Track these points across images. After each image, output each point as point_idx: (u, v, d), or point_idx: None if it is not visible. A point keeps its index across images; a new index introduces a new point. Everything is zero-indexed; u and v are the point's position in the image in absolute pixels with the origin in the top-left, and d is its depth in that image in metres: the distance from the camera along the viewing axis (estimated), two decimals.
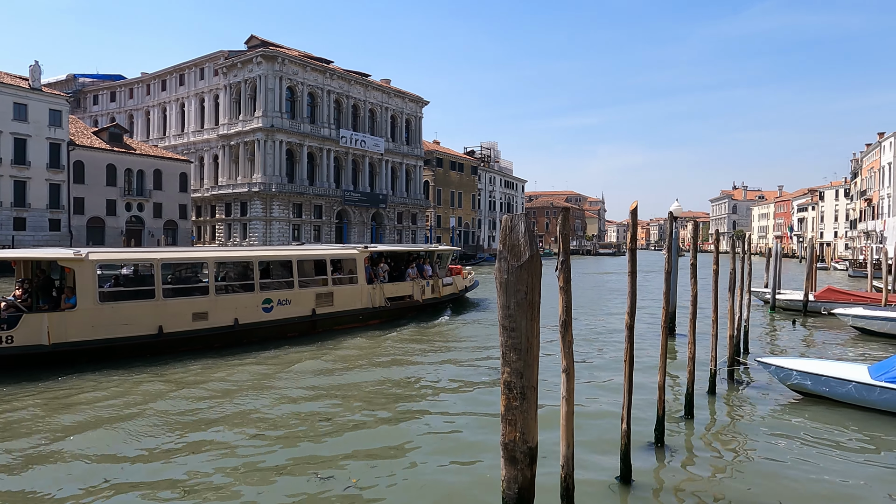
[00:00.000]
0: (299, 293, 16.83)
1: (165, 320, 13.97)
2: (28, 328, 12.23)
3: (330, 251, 19.07)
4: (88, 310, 12.93)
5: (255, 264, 16.16)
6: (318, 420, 9.59)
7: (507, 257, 4.59)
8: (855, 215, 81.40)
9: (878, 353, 15.88)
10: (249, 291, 15.86)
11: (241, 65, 57.69)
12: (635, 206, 6.78)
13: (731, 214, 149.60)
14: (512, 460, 4.68)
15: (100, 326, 13.02)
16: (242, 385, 11.66)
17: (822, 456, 8.23)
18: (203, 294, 15.04)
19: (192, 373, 12.70)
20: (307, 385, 11.82)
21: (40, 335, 12.31)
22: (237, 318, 15.28)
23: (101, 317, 13.09)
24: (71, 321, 12.70)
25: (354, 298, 18.54)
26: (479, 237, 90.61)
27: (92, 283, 13.07)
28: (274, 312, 16.16)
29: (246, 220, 56.89)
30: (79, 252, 13.19)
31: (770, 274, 25.77)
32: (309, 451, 8.29)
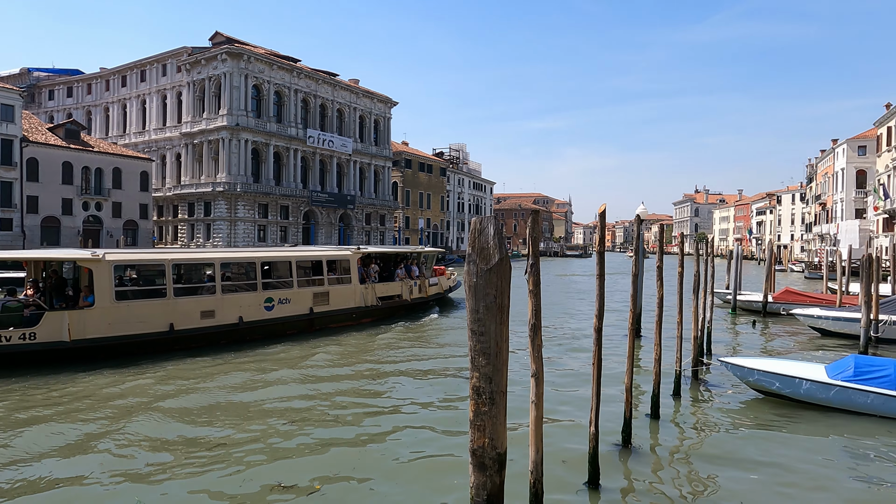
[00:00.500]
0: (298, 292, 17.68)
1: (176, 318, 14.70)
2: (49, 325, 12.81)
3: (326, 252, 19.79)
4: (105, 308, 13.57)
5: (257, 265, 16.95)
6: (285, 424, 9.36)
7: (477, 260, 4.51)
8: (810, 219, 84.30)
9: (834, 352, 16.39)
10: (252, 291, 16.62)
11: (205, 62, 56.42)
12: (604, 209, 6.80)
13: (693, 217, 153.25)
14: (481, 466, 4.59)
15: (116, 324, 13.69)
16: (224, 387, 11.70)
17: (782, 454, 8.41)
18: (210, 293, 15.72)
19: (184, 371, 13.00)
20: (281, 388, 11.56)
21: (61, 332, 12.92)
22: (241, 317, 16.03)
23: (117, 315, 13.74)
24: (89, 319, 13.33)
25: (349, 298, 19.38)
26: (447, 239, 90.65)
27: (109, 283, 13.73)
28: (275, 311, 16.95)
29: (210, 220, 55.64)
30: (96, 253, 13.92)
31: (731, 276, 26.41)
32: (274, 456, 8.07)
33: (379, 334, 18.24)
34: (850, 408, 10.01)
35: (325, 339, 17.04)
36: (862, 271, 15.71)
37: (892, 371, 9.77)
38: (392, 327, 19.47)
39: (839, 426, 9.58)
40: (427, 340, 17.51)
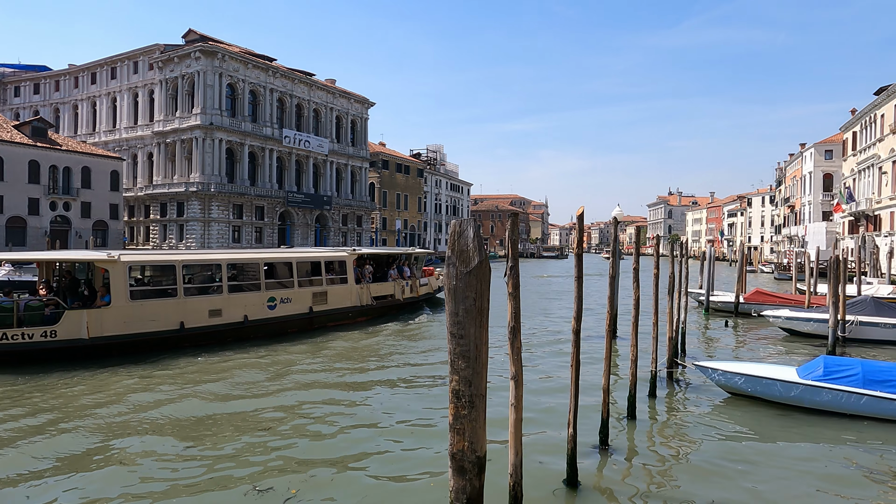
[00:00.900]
0: (298, 292, 18.32)
1: (186, 316, 15.27)
2: (69, 324, 13.30)
3: (324, 253, 20.45)
4: (121, 307, 14.10)
5: (260, 265, 17.62)
6: (261, 426, 9.20)
7: (456, 263, 4.48)
8: (779, 221, 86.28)
9: (803, 351, 16.77)
10: (256, 290, 17.21)
11: (178, 59, 55.45)
12: (581, 212, 6.83)
13: (667, 219, 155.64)
14: (460, 470, 4.56)
15: (131, 322, 14.23)
16: (223, 386, 11.85)
17: (755, 453, 8.55)
18: (217, 293, 16.29)
19: (193, 369, 13.47)
20: (263, 389, 11.36)
21: (80, 330, 13.42)
22: (247, 315, 16.66)
23: (132, 313, 14.26)
24: (106, 317, 13.85)
25: (345, 297, 20.07)
26: (424, 240, 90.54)
27: (124, 283, 14.25)
28: (277, 310, 17.57)
29: (183, 220, 54.66)
30: (111, 254, 14.52)
31: (704, 276, 26.85)
32: (250, 459, 7.92)
33: (374, 333, 18.77)
34: (820, 407, 10.25)
35: (323, 338, 17.59)
36: (830, 272, 16.10)
37: (860, 370, 10.03)
38: (387, 326, 20.12)
39: (810, 425, 9.80)
40: (420, 340, 17.94)
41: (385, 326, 20.00)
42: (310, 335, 17.83)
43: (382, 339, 17.81)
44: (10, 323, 12.91)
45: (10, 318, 12.95)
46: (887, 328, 17.62)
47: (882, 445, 8.90)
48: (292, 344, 16.57)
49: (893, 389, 9.71)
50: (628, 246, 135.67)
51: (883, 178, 45.40)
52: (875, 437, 9.23)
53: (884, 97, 45.06)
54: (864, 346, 17.33)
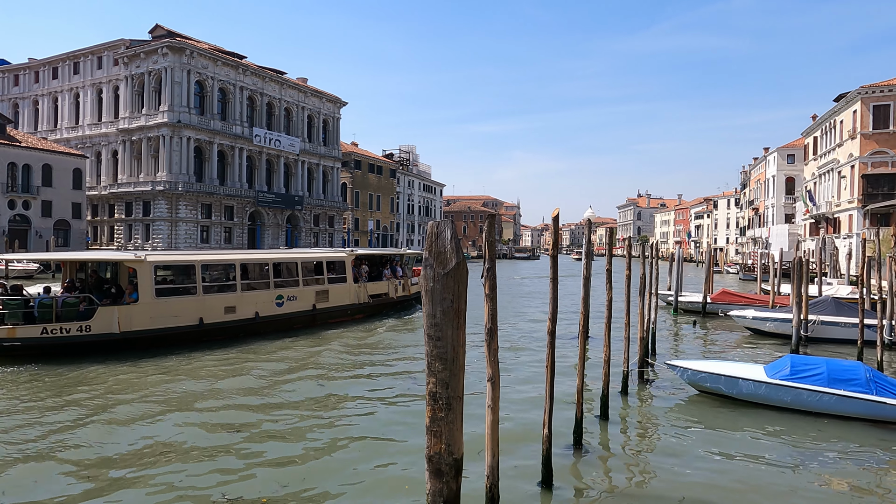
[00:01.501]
0: (303, 290, 19.54)
1: (205, 313, 16.32)
2: (102, 319, 14.28)
3: (325, 254, 21.67)
4: (148, 304, 15.10)
5: (270, 265, 18.88)
6: (232, 430, 9.02)
7: (434, 265, 4.46)
8: (744, 223, 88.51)
9: (767, 350, 17.21)
10: (266, 289, 18.34)
11: (144, 55, 54.13)
12: (557, 214, 6.87)
13: (636, 221, 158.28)
14: (437, 473, 4.53)
15: (156, 318, 15.21)
16: (228, 383, 12.23)
17: (725, 450, 8.74)
18: (232, 291, 17.30)
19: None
20: (237, 393, 11.14)
21: (112, 325, 14.40)
22: (258, 312, 17.81)
23: (157, 310, 15.26)
24: (135, 313, 14.83)
25: (344, 295, 21.31)
26: (397, 240, 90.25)
27: (150, 281, 15.23)
28: (284, 307, 18.75)
29: (149, 220, 53.39)
30: (138, 255, 15.62)
31: (673, 277, 27.36)
32: (223, 464, 7.75)
33: (371, 330, 19.84)
34: (786, 405, 10.53)
35: (326, 334, 18.69)
36: (793, 273, 16.57)
37: (825, 369, 10.35)
38: (384, 322, 21.55)
39: (779, 422, 10.06)
40: (415, 335, 18.86)
41: (382, 322, 21.52)
42: (313, 331, 19.02)
43: (383, 336, 18.96)
44: (50, 318, 13.89)
45: (50, 314, 13.93)
46: (847, 327, 18.17)
47: (845, 443, 9.18)
48: (298, 339, 17.58)
49: (856, 388, 10.03)
50: (599, 247, 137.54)
51: (842, 182, 46.96)
52: (838, 434, 9.51)
53: (843, 104, 46.63)
54: (825, 345, 17.86)
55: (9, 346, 13.35)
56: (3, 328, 13.42)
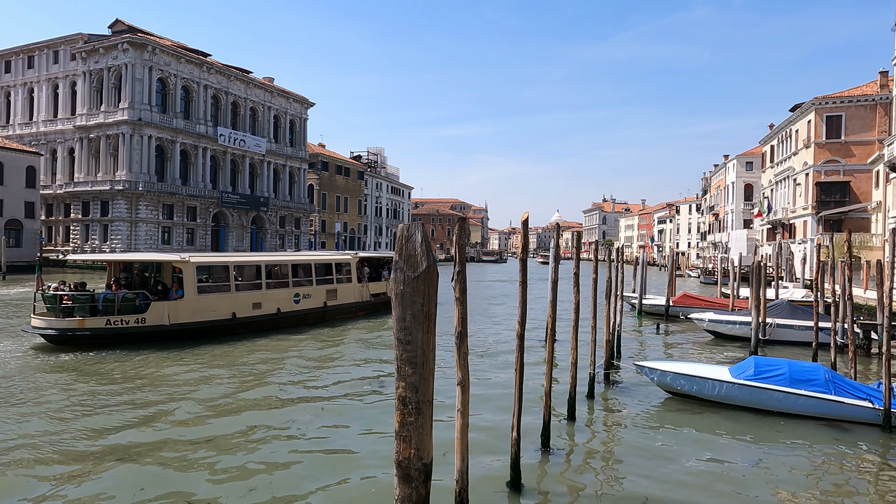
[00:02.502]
0: (316, 289, 21.53)
1: (237, 308, 18.26)
2: (155, 312, 16.18)
3: (334, 257, 23.60)
4: (192, 299, 16.96)
5: (289, 266, 20.73)
6: (193, 433, 8.78)
7: (404, 268, 4.42)
8: (705, 228, 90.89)
9: (727, 353, 17.66)
10: (286, 287, 20.27)
11: (104, 50, 52.55)
12: (526, 218, 6.91)
13: (601, 225, 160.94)
14: (406, 478, 4.49)
15: (198, 312, 17.12)
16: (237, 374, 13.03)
17: (690, 450, 8.91)
18: (258, 289, 19.15)
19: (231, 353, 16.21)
20: (214, 392, 10.85)
21: (163, 317, 16.29)
22: (279, 308, 19.73)
23: (199, 305, 17.15)
24: (181, 308, 16.70)
25: (350, 294, 23.35)
26: (364, 243, 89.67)
27: (193, 280, 17.06)
28: (301, 304, 20.69)
29: (107, 220, 51.77)
30: (184, 257, 17.38)
31: (637, 281, 27.87)
32: (179, 468, 7.54)
33: (374, 327, 21.25)
34: (750, 405, 10.84)
35: (335, 328, 20.47)
36: (752, 277, 17.05)
37: (787, 370, 10.71)
38: (385, 319, 22.92)
39: (744, 422, 10.33)
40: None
41: (384, 320, 23.01)
42: (324, 325, 20.91)
43: (386, 332, 20.32)
44: (112, 311, 15.72)
45: (112, 308, 15.75)
46: (801, 330, 18.77)
47: (804, 442, 9.48)
48: (312, 333, 19.32)
49: (816, 388, 10.41)
50: (565, 251, 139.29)
51: (797, 189, 48.67)
52: (797, 434, 9.81)
53: (798, 114, 48.34)
54: (781, 347, 18.42)
55: (79, 335, 15.30)
56: (74, 320, 15.35)
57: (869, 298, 23.74)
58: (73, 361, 13.97)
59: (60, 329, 15.26)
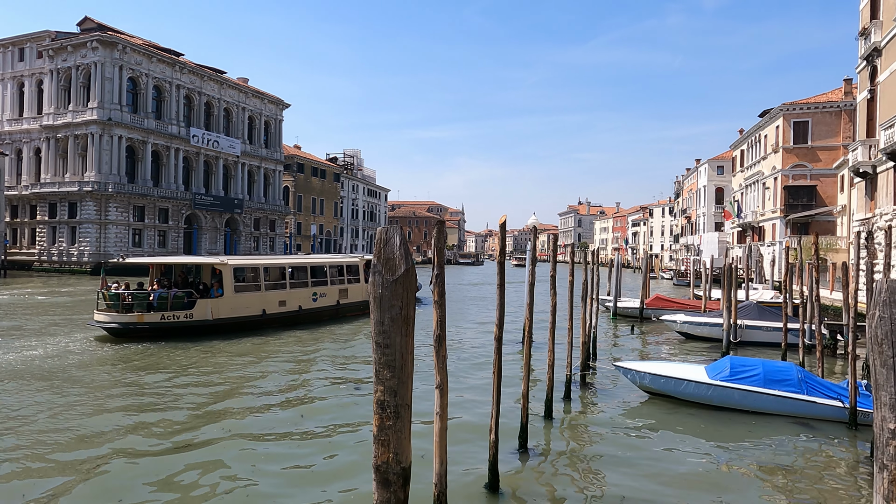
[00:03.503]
0: (331, 289, 23.64)
1: (266, 305, 20.32)
2: (201, 309, 18.30)
3: (345, 259, 26.07)
4: (230, 297, 19.09)
5: (307, 268, 22.90)
6: (175, 429, 8.62)
7: (382, 271, 4.40)
8: (678, 230, 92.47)
9: (699, 353, 17.97)
10: (305, 287, 22.28)
11: (72, 48, 51.33)
12: (504, 221, 6.95)
13: (576, 227, 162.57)
14: (385, 483, 4.46)
15: (235, 308, 19.25)
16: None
17: (666, 449, 9.04)
18: (283, 288, 21.23)
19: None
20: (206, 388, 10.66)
21: (207, 313, 18.42)
22: (300, 305, 21.83)
23: (236, 302, 19.27)
24: (221, 305, 18.83)
25: (359, 293, 25.22)
26: (341, 245, 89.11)
27: (231, 280, 19.21)
28: (318, 302, 22.77)
29: (76, 222, 50.52)
30: (223, 259, 19.71)
31: (612, 283, 28.20)
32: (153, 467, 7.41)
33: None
34: (726, 405, 11.05)
35: (350, 324, 22.28)
36: (724, 279, 17.39)
37: (762, 370, 10.95)
38: None
39: (720, 421, 10.54)
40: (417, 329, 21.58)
41: None
42: (338, 322, 22.85)
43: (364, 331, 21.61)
44: (165, 308, 17.79)
45: (166, 304, 17.81)
46: (769, 331, 19.17)
47: (777, 439, 9.69)
48: (327, 329, 21.10)
49: (789, 388, 10.67)
50: (541, 253, 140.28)
51: (766, 192, 49.84)
52: (770, 431, 10.03)
53: (767, 119, 49.55)
54: (750, 348, 18.78)
55: (138, 328, 17.41)
56: (134, 315, 17.42)
57: (835, 299, 24.42)
58: (136, 350, 16.04)
59: (123, 323, 17.37)
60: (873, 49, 25.24)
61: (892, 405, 2.75)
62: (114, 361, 14.63)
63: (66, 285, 38.02)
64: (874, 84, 25.82)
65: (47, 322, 21.04)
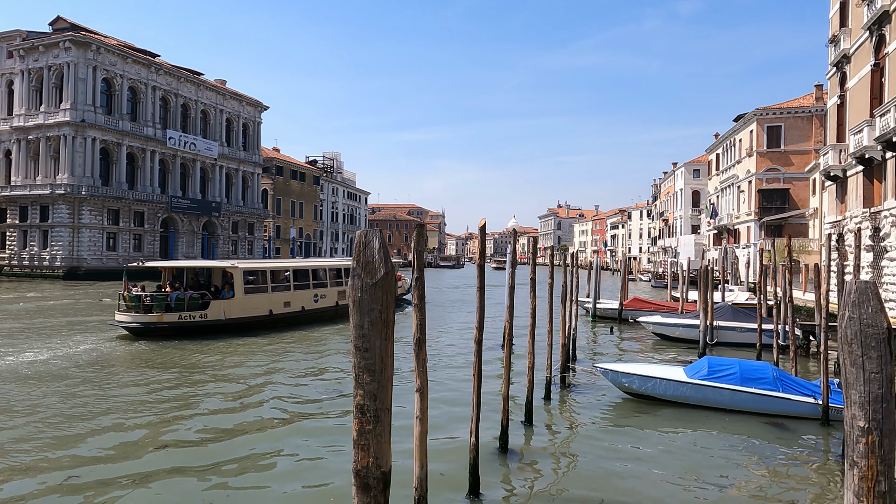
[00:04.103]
0: (330, 290, 24.80)
1: (273, 306, 21.69)
2: (214, 309, 19.68)
3: (343, 263, 27.23)
4: (241, 299, 20.50)
5: (309, 271, 24.03)
6: (153, 433, 8.46)
7: (362, 275, 4.37)
8: (655, 233, 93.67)
9: (675, 354, 18.19)
10: (307, 289, 23.46)
11: (44, 48, 50.27)
12: (483, 224, 6.97)
13: (556, 230, 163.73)
14: (365, 488, 4.42)
15: (245, 309, 20.61)
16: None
17: (646, 449, 9.13)
18: (287, 290, 22.53)
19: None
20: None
21: (220, 313, 19.79)
22: (303, 306, 23.00)
23: (246, 303, 20.66)
24: (232, 305, 20.22)
25: None
26: (321, 249, 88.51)
27: (241, 282, 20.59)
28: (319, 303, 23.92)
29: (48, 226, 49.41)
30: (234, 263, 21.24)
31: (591, 285, 28.45)
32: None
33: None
34: (705, 403, 11.24)
35: (344, 324, 22.99)
36: (700, 281, 17.65)
37: (738, 369, 11.18)
38: None
39: (699, 419, 10.69)
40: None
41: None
42: (336, 321, 23.98)
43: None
44: (182, 308, 19.21)
45: (183, 305, 19.23)
46: (742, 332, 19.49)
47: (753, 436, 9.85)
48: (327, 327, 22.26)
49: (765, 386, 10.91)
50: (521, 256, 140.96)
51: (741, 195, 50.75)
52: (746, 429, 10.19)
53: (741, 124, 50.49)
54: (725, 348, 19.07)
55: (159, 327, 18.76)
56: (154, 315, 18.78)
57: (808, 300, 24.94)
58: (155, 347, 17.34)
59: (144, 322, 18.68)
60: (843, 56, 25.89)
61: (862, 403, 2.82)
62: (145, 357, 16.01)
63: (35, 290, 37.14)
64: (844, 90, 26.48)
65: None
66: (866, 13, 22.39)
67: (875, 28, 21.97)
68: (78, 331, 20.28)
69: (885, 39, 21.45)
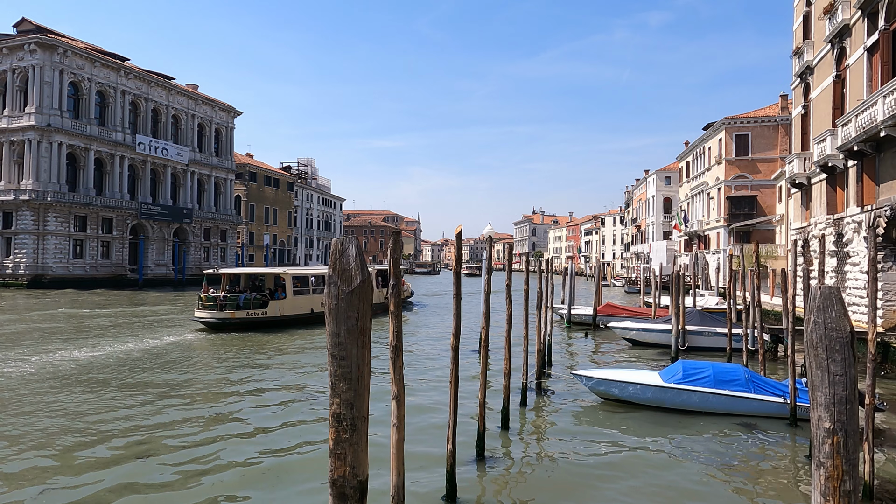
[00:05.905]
0: None
1: (314, 305, 25.68)
2: (272, 308, 23.74)
3: (377, 267, 30.94)
4: (291, 299, 24.65)
5: (321, 275, 26.69)
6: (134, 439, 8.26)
7: (338, 282, 4.35)
8: (628, 239, 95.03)
9: (646, 360, 18.45)
10: (322, 293, 25.88)
11: (7, 51, 48.93)
12: (460, 231, 7.00)
13: (531, 237, 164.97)
14: (341, 497, 4.37)
15: (294, 307, 24.74)
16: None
17: (622, 453, 9.22)
18: (314, 293, 26.28)
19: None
20: None
21: (276, 311, 23.84)
22: None
23: (294, 303, 24.82)
24: (285, 304, 24.30)
25: (376, 297, 27.93)
26: (295, 255, 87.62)
27: (291, 285, 24.82)
28: None
29: (11, 233, 47.94)
30: (286, 270, 25.68)
31: (566, 291, 28.70)
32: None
33: (382, 326, 23.17)
34: (680, 406, 11.42)
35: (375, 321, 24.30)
36: (671, 286, 17.95)
37: (711, 372, 11.41)
38: (383, 320, 24.75)
39: (673, 422, 10.86)
40: (416, 328, 26.46)
41: (383, 320, 24.71)
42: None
43: (410, 327, 25.80)
44: (249, 307, 23.20)
45: (249, 304, 23.27)
46: (711, 336, 19.86)
47: (725, 436, 10.03)
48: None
49: (737, 388, 11.18)
50: (497, 262, 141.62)
51: (710, 202, 51.86)
52: (718, 429, 10.38)
53: (710, 132, 51.65)
54: (695, 353, 19.38)
55: (233, 322, 22.76)
56: (228, 312, 22.87)
57: (776, 305, 25.55)
58: (230, 337, 21.26)
59: (220, 318, 22.71)
60: (806, 67, 26.70)
61: (828, 405, 2.90)
62: (214, 343, 19.96)
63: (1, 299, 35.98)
64: (807, 100, 27.30)
65: None
66: (828, 26, 23.15)
67: (836, 41, 22.73)
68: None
69: (846, 52, 22.20)
